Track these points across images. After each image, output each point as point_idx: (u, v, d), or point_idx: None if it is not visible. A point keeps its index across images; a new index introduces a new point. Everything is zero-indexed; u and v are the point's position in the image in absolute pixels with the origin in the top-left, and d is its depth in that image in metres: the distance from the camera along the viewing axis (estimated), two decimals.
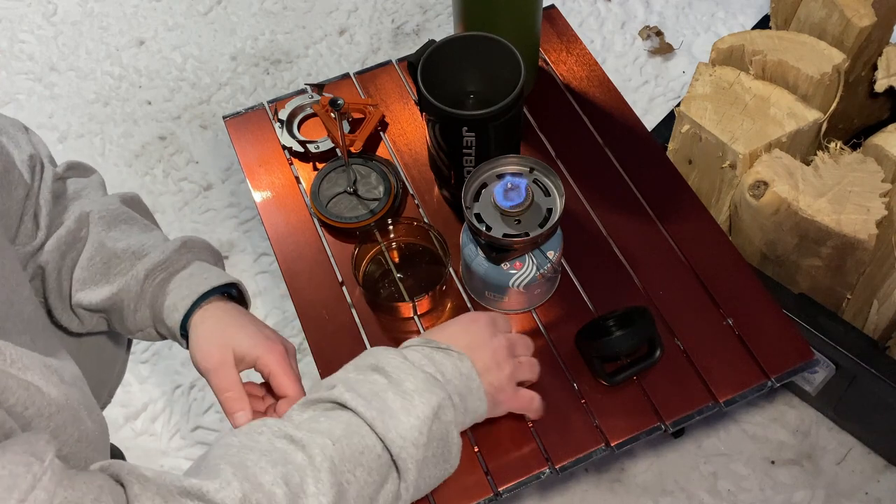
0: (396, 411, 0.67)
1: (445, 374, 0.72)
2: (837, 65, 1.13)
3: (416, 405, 0.68)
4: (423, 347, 0.74)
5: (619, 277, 0.96)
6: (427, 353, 0.73)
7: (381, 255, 0.97)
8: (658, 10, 1.81)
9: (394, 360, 0.71)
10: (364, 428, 0.65)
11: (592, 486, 1.23)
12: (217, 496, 0.56)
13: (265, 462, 0.60)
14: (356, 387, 0.68)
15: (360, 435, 0.65)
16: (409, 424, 0.67)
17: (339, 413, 0.67)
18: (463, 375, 0.74)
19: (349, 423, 0.65)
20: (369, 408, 0.66)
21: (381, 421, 0.66)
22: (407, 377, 0.69)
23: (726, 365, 0.89)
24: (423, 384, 0.69)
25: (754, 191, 1.06)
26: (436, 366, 0.72)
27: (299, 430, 0.64)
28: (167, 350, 1.40)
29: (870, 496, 1.21)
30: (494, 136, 0.88)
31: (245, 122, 1.13)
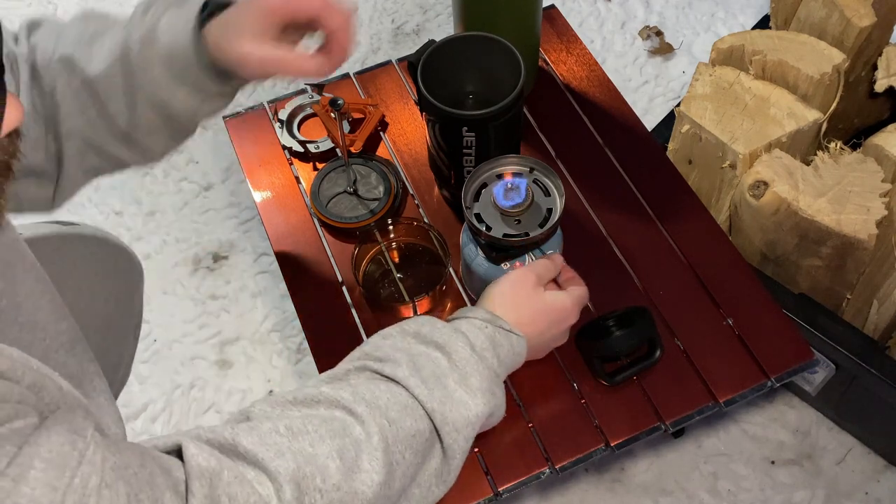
0: (456, 403, 0.69)
1: (501, 358, 0.75)
2: (837, 65, 1.13)
3: (477, 403, 0.70)
4: (487, 328, 0.75)
5: (619, 277, 0.96)
6: (490, 335, 0.74)
7: (381, 255, 0.97)
8: (658, 10, 1.81)
9: (461, 350, 0.71)
10: (420, 411, 0.67)
11: (592, 486, 1.23)
12: (271, 465, 0.56)
13: (324, 430, 0.60)
14: (420, 367, 0.69)
15: (415, 418, 0.66)
16: (465, 420, 0.69)
17: (399, 391, 0.67)
18: (516, 356, 0.77)
19: (407, 405, 0.66)
20: (431, 397, 0.67)
21: (441, 413, 0.67)
22: (473, 373, 0.71)
23: (726, 365, 0.89)
24: (486, 383, 0.71)
25: (754, 191, 1.06)
26: (496, 351, 0.74)
27: (358, 402, 0.64)
28: (167, 350, 1.40)
29: (870, 496, 1.21)
30: (494, 136, 0.88)
31: (245, 122, 1.13)
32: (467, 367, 0.71)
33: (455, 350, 0.71)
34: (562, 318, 0.81)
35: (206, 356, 1.39)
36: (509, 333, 0.76)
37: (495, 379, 0.73)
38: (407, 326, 0.74)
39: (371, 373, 0.69)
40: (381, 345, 0.72)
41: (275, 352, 1.39)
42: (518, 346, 0.76)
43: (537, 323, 0.79)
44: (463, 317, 0.77)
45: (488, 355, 0.73)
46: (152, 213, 1.56)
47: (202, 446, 0.55)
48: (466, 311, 0.77)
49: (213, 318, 1.43)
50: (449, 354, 0.71)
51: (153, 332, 1.41)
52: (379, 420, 0.63)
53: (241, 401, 1.34)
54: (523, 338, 0.77)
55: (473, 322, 0.75)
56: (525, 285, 0.79)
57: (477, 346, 0.73)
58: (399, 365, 0.68)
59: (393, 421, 0.64)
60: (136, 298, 0.99)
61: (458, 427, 0.68)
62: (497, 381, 0.73)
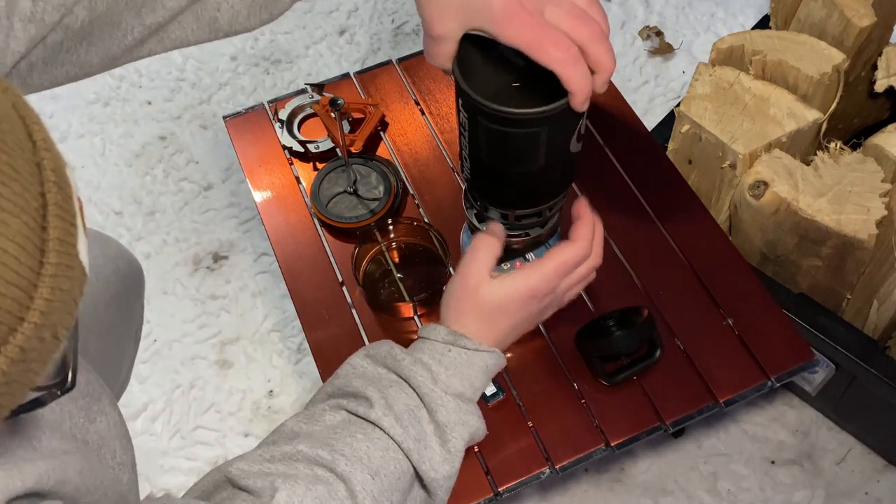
0: (430, 439, 0.67)
1: (473, 381, 0.71)
2: (837, 65, 1.13)
3: (450, 439, 0.67)
4: (448, 350, 0.70)
5: (619, 277, 0.96)
6: (454, 360, 0.70)
7: (382, 255, 0.97)
8: (658, 10, 1.81)
9: (423, 384, 0.68)
10: (400, 454, 0.65)
11: (592, 486, 1.23)
12: None
13: (311, 498, 0.59)
14: (393, 403, 0.66)
15: (397, 461, 0.65)
16: (443, 458, 0.67)
17: (376, 434, 0.65)
18: (490, 368, 0.72)
19: (386, 449, 0.65)
20: (406, 437, 0.65)
21: (417, 452, 0.66)
22: (438, 407, 0.68)
23: (726, 365, 0.89)
24: (455, 415, 0.68)
25: (754, 191, 1.06)
26: (463, 374, 0.70)
27: (338, 460, 0.62)
28: (167, 350, 1.40)
29: (870, 496, 1.21)
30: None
31: (245, 122, 1.13)
32: (432, 403, 0.68)
33: (418, 385, 0.68)
34: (534, 294, 0.72)
35: (206, 356, 1.39)
36: (476, 353, 0.71)
37: (467, 407, 0.69)
38: (374, 351, 0.72)
39: (346, 413, 0.67)
40: (351, 378, 0.70)
41: (275, 352, 1.39)
42: (491, 360, 0.72)
43: (507, 317, 0.72)
44: (425, 338, 0.72)
45: (455, 382, 0.69)
46: (152, 213, 1.56)
47: None
48: (428, 332, 0.72)
49: (213, 318, 1.43)
50: (415, 389, 0.68)
51: (153, 332, 1.41)
52: (361, 476, 0.62)
53: (241, 401, 1.34)
54: (493, 351, 0.72)
55: (435, 347, 0.71)
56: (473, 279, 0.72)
57: (440, 379, 0.69)
58: (372, 405, 0.66)
59: (376, 472, 0.63)
60: (137, 303, 0.98)
61: (435, 465, 0.66)
62: (469, 407, 0.69)
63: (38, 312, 0.38)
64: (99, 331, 0.85)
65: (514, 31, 0.59)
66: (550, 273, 0.71)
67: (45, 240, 0.38)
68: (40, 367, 0.40)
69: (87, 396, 0.65)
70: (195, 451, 1.31)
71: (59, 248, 0.39)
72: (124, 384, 1.00)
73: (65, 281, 0.39)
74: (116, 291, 0.90)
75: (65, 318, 0.40)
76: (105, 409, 0.67)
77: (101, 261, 0.88)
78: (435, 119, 1.11)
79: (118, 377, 0.96)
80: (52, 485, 0.52)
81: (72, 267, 0.40)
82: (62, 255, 0.39)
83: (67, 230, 0.40)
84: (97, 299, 0.86)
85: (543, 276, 0.71)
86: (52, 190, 0.39)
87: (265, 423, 1.33)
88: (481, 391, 0.73)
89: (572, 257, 0.72)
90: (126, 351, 0.97)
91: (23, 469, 0.50)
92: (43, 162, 0.39)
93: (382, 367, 0.70)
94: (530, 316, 0.74)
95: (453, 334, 0.71)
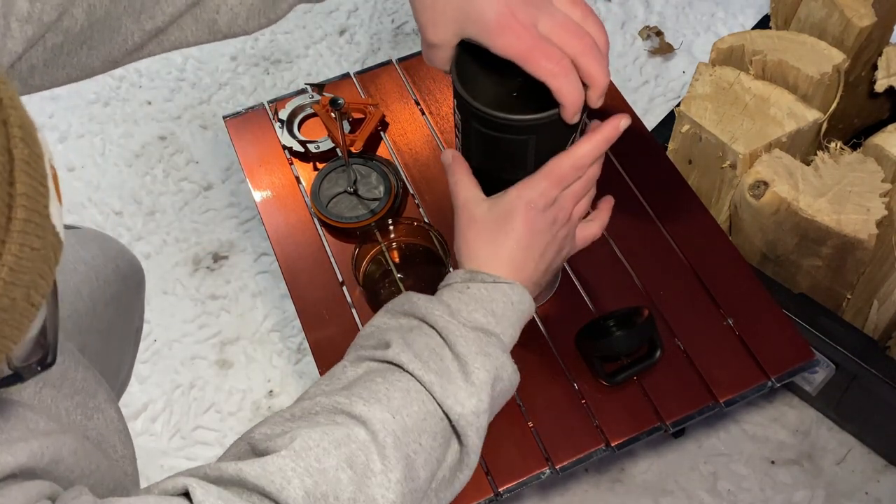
0: (454, 375, 0.63)
1: (497, 313, 0.67)
2: (837, 65, 1.13)
3: (473, 370, 0.63)
4: (467, 287, 0.67)
5: (619, 277, 0.96)
6: (473, 295, 0.67)
7: (382, 255, 0.97)
8: (658, 10, 1.81)
9: (440, 318, 0.65)
10: (423, 393, 0.62)
11: (592, 486, 1.23)
12: (281, 496, 0.54)
13: (327, 443, 0.56)
14: (412, 343, 0.63)
15: (421, 401, 0.61)
16: (468, 392, 0.62)
17: (396, 374, 0.62)
18: (516, 304, 0.68)
19: (408, 389, 0.61)
20: (427, 370, 0.62)
21: (441, 386, 0.62)
22: (457, 339, 0.64)
23: (726, 365, 0.89)
24: (475, 346, 0.64)
25: (754, 191, 1.06)
26: (485, 307, 0.66)
27: (356, 402, 0.59)
28: (167, 350, 1.40)
29: (870, 496, 1.21)
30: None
31: (245, 122, 1.13)
32: (451, 337, 0.64)
33: (435, 321, 0.65)
34: (530, 205, 0.68)
35: (206, 356, 1.39)
36: (495, 284, 0.67)
37: (489, 340, 0.65)
38: (392, 306, 0.69)
39: (368, 362, 0.64)
40: (371, 331, 0.68)
41: (275, 352, 1.39)
42: (514, 294, 0.68)
43: (509, 235, 0.68)
44: (445, 284, 0.70)
45: (477, 315, 0.66)
46: (152, 213, 1.56)
47: (209, 488, 0.52)
48: (448, 278, 0.70)
49: (213, 318, 1.43)
50: (433, 325, 0.65)
51: (153, 332, 1.41)
52: (381, 415, 0.59)
53: (241, 401, 1.34)
54: (513, 284, 0.68)
55: (454, 287, 0.68)
56: (469, 205, 0.70)
57: (459, 312, 0.66)
58: (391, 344, 0.64)
59: (397, 411, 0.60)
60: (137, 303, 0.98)
61: (461, 399, 0.62)
62: (492, 341, 0.66)
63: (7, 269, 0.37)
64: (99, 330, 0.85)
65: (506, 43, 0.59)
66: (542, 181, 0.68)
67: (13, 195, 0.38)
68: (14, 332, 0.39)
69: (83, 392, 0.65)
70: (195, 451, 1.31)
71: (27, 203, 0.38)
72: (124, 384, 1.00)
73: (35, 240, 0.39)
74: (116, 291, 0.90)
75: (38, 281, 0.39)
76: (101, 405, 0.66)
77: (101, 260, 0.88)
78: (435, 119, 1.11)
79: (118, 377, 0.96)
80: (45, 463, 0.52)
81: (43, 227, 0.40)
82: (31, 212, 0.39)
83: (37, 189, 0.39)
84: (97, 299, 0.86)
85: (535, 184, 0.68)
86: (18, 146, 0.39)
87: None
88: (511, 330, 0.68)
89: (567, 165, 0.68)
90: (126, 351, 0.97)
91: (14, 446, 0.50)
92: (9, 119, 0.39)
93: (403, 316, 0.68)
94: (536, 233, 0.69)
95: (470, 272, 0.69)
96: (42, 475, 0.52)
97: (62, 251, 0.42)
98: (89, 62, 0.61)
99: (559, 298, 0.94)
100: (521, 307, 0.69)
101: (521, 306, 0.69)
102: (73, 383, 0.65)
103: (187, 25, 0.62)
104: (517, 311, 0.69)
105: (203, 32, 0.63)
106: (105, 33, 0.60)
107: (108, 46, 0.61)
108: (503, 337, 0.67)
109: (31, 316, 0.40)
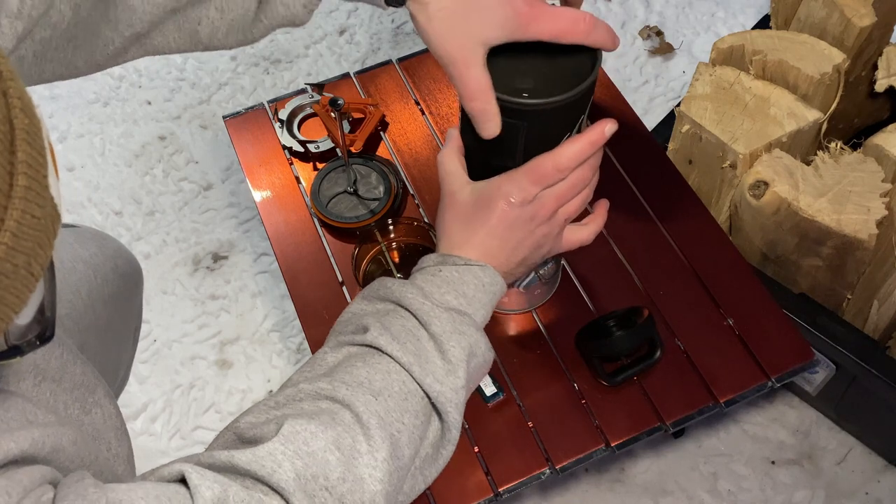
0: (430, 354, 0.65)
1: (468, 294, 0.69)
2: (837, 65, 1.13)
3: (448, 349, 0.65)
4: (439, 270, 0.69)
5: (619, 277, 0.96)
6: (445, 278, 0.69)
7: (382, 255, 0.97)
8: (658, 10, 1.81)
9: (415, 300, 0.67)
10: (403, 374, 0.64)
11: (592, 486, 1.23)
12: (272, 479, 0.55)
13: (314, 426, 0.58)
14: (389, 326, 0.65)
15: (401, 381, 0.63)
16: (445, 369, 0.65)
17: (375, 357, 0.64)
18: (487, 286, 0.70)
19: (388, 371, 0.63)
20: (405, 352, 0.64)
21: (419, 366, 0.64)
22: (431, 319, 0.66)
23: (726, 365, 0.89)
24: (449, 325, 0.66)
25: (754, 191, 1.06)
26: (457, 289, 0.68)
27: (338, 387, 0.61)
28: (167, 350, 1.40)
29: (870, 496, 1.21)
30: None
31: (245, 122, 1.13)
32: (425, 317, 0.66)
33: (409, 303, 0.67)
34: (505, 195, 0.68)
35: (206, 356, 1.39)
36: (467, 267, 0.69)
37: (462, 318, 0.67)
38: (367, 292, 0.71)
39: (347, 346, 0.66)
40: (349, 317, 0.70)
41: (275, 352, 1.39)
42: (486, 276, 0.69)
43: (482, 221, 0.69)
44: (419, 268, 0.72)
45: (449, 297, 0.68)
46: (152, 213, 1.56)
47: (204, 472, 0.54)
48: (421, 261, 0.72)
49: (213, 318, 1.43)
50: (408, 308, 0.67)
51: (153, 332, 1.41)
52: (363, 397, 0.61)
53: (241, 401, 1.34)
54: (485, 266, 0.69)
55: (426, 270, 0.70)
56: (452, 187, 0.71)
57: (432, 294, 0.67)
58: (369, 328, 0.65)
59: (379, 392, 0.62)
60: (135, 301, 0.98)
61: (439, 377, 0.64)
62: (465, 320, 0.67)
63: (10, 234, 0.38)
64: (98, 328, 0.85)
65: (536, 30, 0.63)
66: (522, 177, 0.68)
67: (14, 163, 0.39)
68: (16, 301, 0.40)
69: (82, 387, 0.66)
70: (195, 451, 1.31)
71: (28, 171, 0.39)
72: (123, 383, 1.00)
73: (36, 208, 0.39)
74: (115, 290, 0.90)
75: (38, 252, 0.40)
76: (100, 400, 0.67)
77: (100, 259, 0.89)
78: (435, 119, 1.11)
79: (117, 375, 0.96)
80: (47, 451, 0.53)
81: (43, 197, 0.40)
82: (31, 180, 0.39)
83: (36, 158, 0.40)
84: (95, 297, 0.86)
85: (515, 179, 0.69)
86: (18, 116, 0.39)
87: None
88: (482, 311, 0.70)
89: (549, 164, 0.68)
90: (125, 349, 0.97)
91: (16, 433, 0.50)
92: (9, 90, 0.40)
93: (378, 301, 0.69)
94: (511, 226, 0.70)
95: (442, 256, 0.71)
96: (43, 463, 0.53)
97: (60, 225, 0.42)
98: (74, 61, 0.62)
99: (559, 298, 0.94)
100: (492, 288, 0.70)
101: (492, 288, 0.70)
102: (72, 377, 0.65)
103: (170, 32, 0.64)
104: (488, 293, 0.70)
105: (185, 41, 0.65)
106: (88, 38, 0.61)
107: (90, 49, 0.62)
108: (475, 317, 0.69)
109: (32, 286, 0.40)
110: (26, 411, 0.56)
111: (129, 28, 0.61)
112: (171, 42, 0.64)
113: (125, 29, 0.61)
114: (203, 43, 0.65)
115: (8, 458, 0.49)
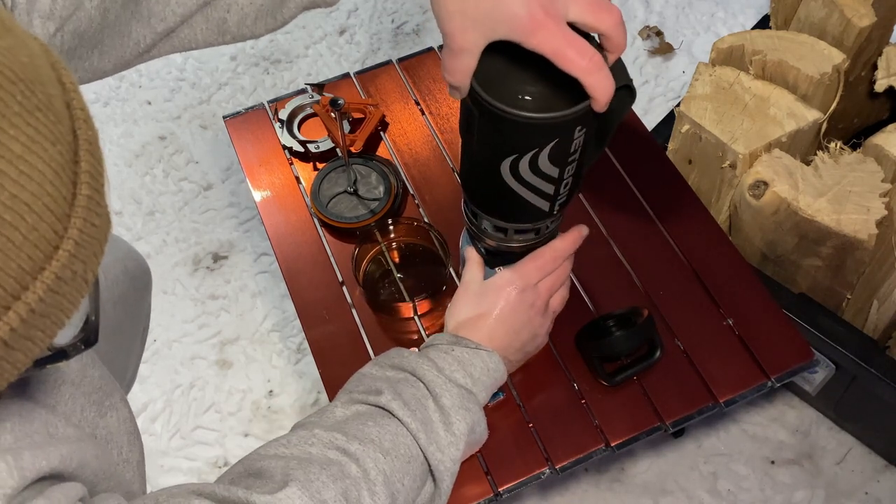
0: (436, 424, 0.70)
1: (474, 375, 0.75)
2: (837, 65, 1.13)
3: (454, 422, 0.71)
4: (452, 349, 0.76)
5: (619, 277, 0.96)
6: (457, 357, 0.75)
7: (382, 255, 0.97)
8: (658, 10, 1.81)
9: (429, 372, 0.73)
10: (409, 438, 0.69)
11: (592, 486, 1.23)
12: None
13: (325, 476, 0.62)
14: (401, 392, 0.71)
15: (406, 445, 0.68)
16: (448, 441, 0.70)
17: (386, 420, 0.69)
18: (491, 371, 0.77)
19: (396, 434, 0.68)
20: (414, 419, 0.69)
21: (425, 434, 0.69)
22: (443, 392, 0.72)
23: (726, 365, 0.89)
24: (458, 400, 0.72)
25: (754, 191, 1.06)
26: (465, 370, 0.75)
27: (351, 441, 0.66)
28: (167, 350, 1.40)
29: (870, 496, 1.21)
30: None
31: (245, 122, 1.13)
32: (437, 389, 0.72)
33: (423, 374, 0.73)
34: (509, 282, 0.78)
35: (206, 356, 1.39)
36: (476, 350, 0.76)
37: (469, 396, 0.74)
38: (381, 359, 0.77)
39: (359, 405, 0.71)
40: (361, 378, 0.75)
41: (275, 352, 1.39)
42: (491, 362, 0.77)
43: (490, 303, 0.78)
44: (430, 345, 0.78)
45: (458, 375, 0.74)
46: (152, 213, 1.56)
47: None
48: (433, 339, 0.79)
49: (213, 317, 1.43)
50: (420, 378, 0.73)
51: (153, 332, 1.41)
52: (373, 454, 0.65)
53: (240, 400, 1.34)
54: (492, 353, 0.77)
55: (439, 347, 0.77)
56: (467, 278, 0.81)
57: (444, 369, 0.74)
58: (382, 392, 0.70)
59: (387, 452, 0.66)
60: (144, 303, 0.98)
61: (442, 447, 0.70)
62: (471, 398, 0.74)
63: (73, 242, 0.39)
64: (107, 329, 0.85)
65: (540, 40, 0.60)
66: (525, 264, 0.79)
67: (77, 173, 0.40)
68: (70, 307, 0.40)
69: (100, 391, 0.66)
70: (195, 451, 1.31)
71: (90, 181, 0.40)
72: (130, 384, 1.00)
73: (95, 217, 0.40)
74: (124, 291, 0.90)
75: (93, 259, 0.41)
76: (116, 404, 0.68)
77: (110, 260, 0.89)
78: (435, 119, 1.11)
79: (125, 376, 0.96)
80: (74, 467, 0.54)
81: (101, 206, 0.41)
82: (93, 189, 0.40)
83: (97, 168, 0.41)
84: (105, 298, 0.86)
85: (516, 268, 0.79)
86: (81, 127, 0.40)
87: (265, 423, 1.33)
88: (484, 392, 0.76)
89: (548, 253, 0.79)
90: (133, 350, 0.97)
91: (47, 450, 0.51)
92: (73, 102, 0.41)
93: (391, 369, 0.74)
94: (513, 309, 0.78)
95: (455, 337, 0.77)
96: (70, 479, 0.54)
97: (111, 231, 0.43)
98: (101, 66, 0.63)
99: None
100: (495, 374, 0.77)
101: (495, 373, 0.77)
102: (91, 381, 0.66)
103: (198, 24, 0.64)
104: (492, 377, 0.77)
105: (213, 32, 0.65)
106: (116, 39, 0.62)
107: (119, 51, 0.63)
108: (479, 396, 0.75)
109: (85, 292, 0.41)
110: (48, 423, 0.56)
111: (162, 23, 0.62)
112: (198, 34, 0.65)
113: (158, 24, 0.62)
114: (231, 32, 0.66)
115: (40, 473, 0.50)
